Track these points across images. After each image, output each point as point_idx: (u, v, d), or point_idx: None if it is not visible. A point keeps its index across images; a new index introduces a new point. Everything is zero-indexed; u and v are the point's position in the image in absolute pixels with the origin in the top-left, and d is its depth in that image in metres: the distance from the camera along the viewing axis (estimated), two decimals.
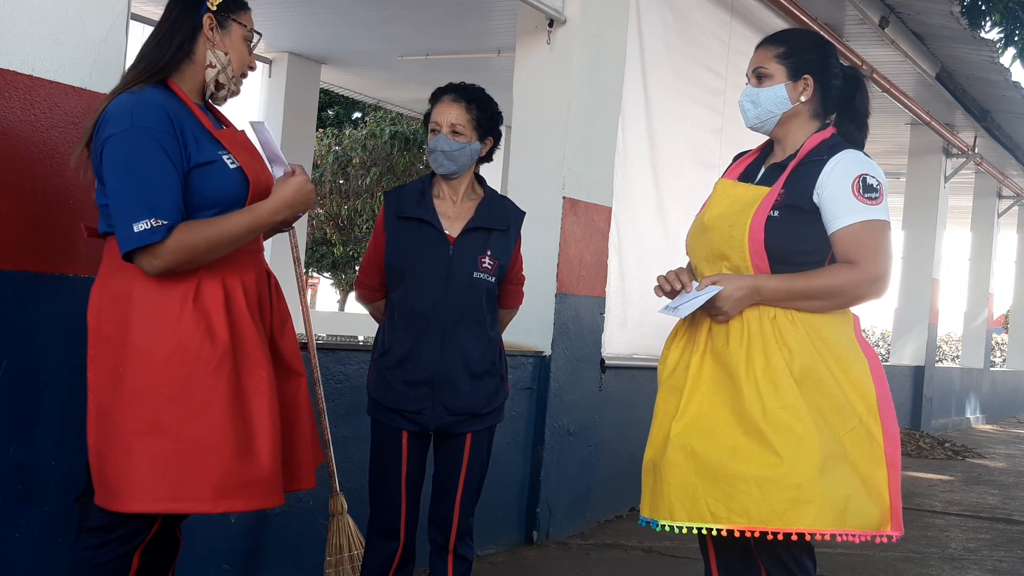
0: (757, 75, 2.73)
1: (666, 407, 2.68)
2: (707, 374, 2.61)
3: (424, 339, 2.97)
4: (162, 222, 2.26)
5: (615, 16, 5.46)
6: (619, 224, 5.71)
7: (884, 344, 24.69)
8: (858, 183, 2.58)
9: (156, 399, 2.29)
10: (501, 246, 3.06)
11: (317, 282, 24.31)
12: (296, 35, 9.04)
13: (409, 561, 3.07)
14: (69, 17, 2.77)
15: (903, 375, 11.43)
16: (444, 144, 2.98)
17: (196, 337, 2.32)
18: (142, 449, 2.28)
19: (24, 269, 2.70)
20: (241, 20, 2.51)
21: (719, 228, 2.66)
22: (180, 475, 2.28)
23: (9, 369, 2.69)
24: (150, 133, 2.29)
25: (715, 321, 2.61)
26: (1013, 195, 15.01)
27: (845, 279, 2.56)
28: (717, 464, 2.51)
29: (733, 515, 2.48)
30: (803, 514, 2.44)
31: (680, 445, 2.56)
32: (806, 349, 2.55)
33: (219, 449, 2.31)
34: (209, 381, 2.32)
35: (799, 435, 2.48)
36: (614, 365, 5.60)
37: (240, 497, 2.34)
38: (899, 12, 8.14)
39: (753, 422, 2.50)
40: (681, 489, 2.55)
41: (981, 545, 5.80)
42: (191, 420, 2.30)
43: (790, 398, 2.50)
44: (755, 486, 2.47)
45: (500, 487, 4.66)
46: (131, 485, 2.28)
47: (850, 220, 2.56)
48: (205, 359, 2.32)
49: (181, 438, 2.29)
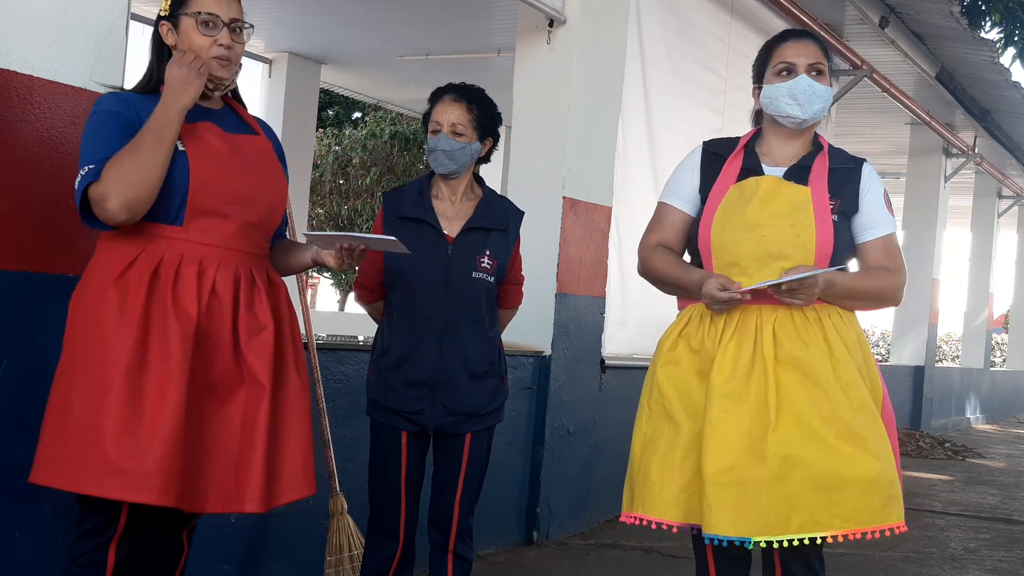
0: (816, 70, 2.70)
1: (728, 415, 2.54)
2: (784, 381, 2.57)
3: (423, 339, 2.97)
4: (90, 167, 2.31)
5: (615, 16, 5.46)
6: (619, 224, 5.71)
7: (884, 344, 24.70)
8: (886, 195, 2.74)
9: (63, 375, 2.36)
10: (500, 246, 3.05)
11: (317, 282, 24.32)
12: (296, 35, 9.04)
13: (409, 561, 3.07)
14: (69, 17, 2.77)
15: (903, 375, 11.42)
16: (445, 144, 2.98)
17: (105, 313, 2.31)
18: (49, 424, 2.34)
19: (24, 269, 2.70)
20: (189, 10, 2.44)
21: (777, 227, 2.62)
22: (71, 454, 2.29)
23: (9, 369, 2.69)
24: (105, 114, 2.38)
25: (793, 305, 2.57)
26: (1013, 195, 15.01)
27: (892, 283, 2.71)
28: (824, 472, 2.50)
29: (838, 520, 2.51)
30: (894, 510, 2.54)
31: (781, 456, 2.50)
32: (856, 347, 2.64)
33: (96, 431, 2.26)
34: (105, 359, 2.28)
35: (881, 433, 2.57)
36: (614, 365, 5.60)
37: (108, 484, 2.25)
38: (899, 12, 8.15)
39: (846, 424, 2.53)
40: (784, 502, 2.51)
41: (981, 545, 5.80)
42: (83, 398, 2.29)
43: (865, 397, 2.58)
44: (860, 489, 2.50)
45: (500, 487, 4.66)
46: (39, 458, 2.35)
47: (887, 230, 2.73)
48: (107, 337, 2.29)
49: (73, 415, 2.29)
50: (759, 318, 2.61)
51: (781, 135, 2.75)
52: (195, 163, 2.39)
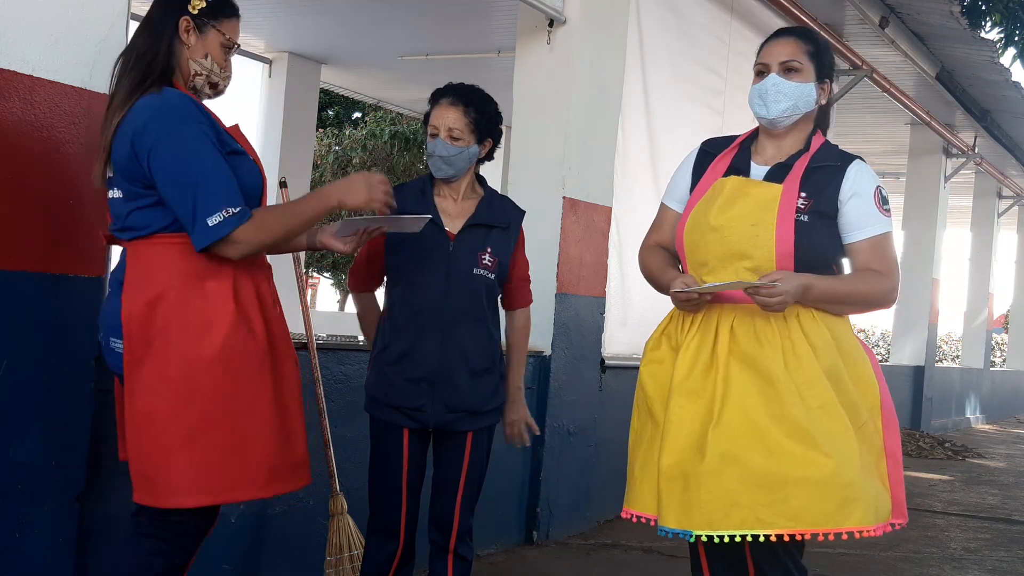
0: (788, 67, 2.67)
1: (683, 412, 2.58)
2: (736, 377, 2.56)
3: (424, 336, 2.97)
4: (233, 211, 2.33)
5: (615, 16, 5.46)
6: (619, 224, 5.71)
7: (884, 344, 24.70)
8: (878, 194, 2.65)
9: (206, 399, 2.34)
10: (501, 243, 3.06)
11: (317, 282, 24.31)
12: (296, 35, 9.04)
13: (409, 561, 3.07)
14: (69, 17, 2.77)
15: (903, 375, 11.42)
16: (442, 149, 2.99)
17: (240, 337, 2.39)
18: (191, 447, 2.33)
19: (24, 269, 2.70)
20: (222, 28, 2.50)
21: (738, 227, 2.61)
22: (231, 469, 2.36)
23: (9, 369, 2.68)
24: (197, 128, 2.36)
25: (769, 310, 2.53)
26: (1013, 195, 15.01)
27: (880, 287, 2.63)
28: (762, 470, 2.48)
29: (781, 519, 2.47)
30: (852, 513, 2.46)
31: (719, 452, 2.50)
32: (828, 348, 2.57)
33: (267, 440, 2.41)
34: (256, 378, 2.41)
35: (841, 434, 2.50)
36: (614, 365, 5.60)
37: (282, 481, 2.45)
38: (899, 12, 8.14)
39: (796, 424, 2.48)
40: (723, 497, 2.49)
41: (981, 545, 5.80)
42: (243, 417, 2.38)
43: (827, 397, 2.52)
44: (807, 489, 2.46)
45: (500, 487, 4.65)
46: (179, 481, 2.33)
47: (875, 231, 2.64)
48: (250, 357, 2.40)
49: (233, 435, 2.36)
50: (720, 316, 2.63)
51: (769, 134, 2.76)
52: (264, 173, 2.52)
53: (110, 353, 2.44)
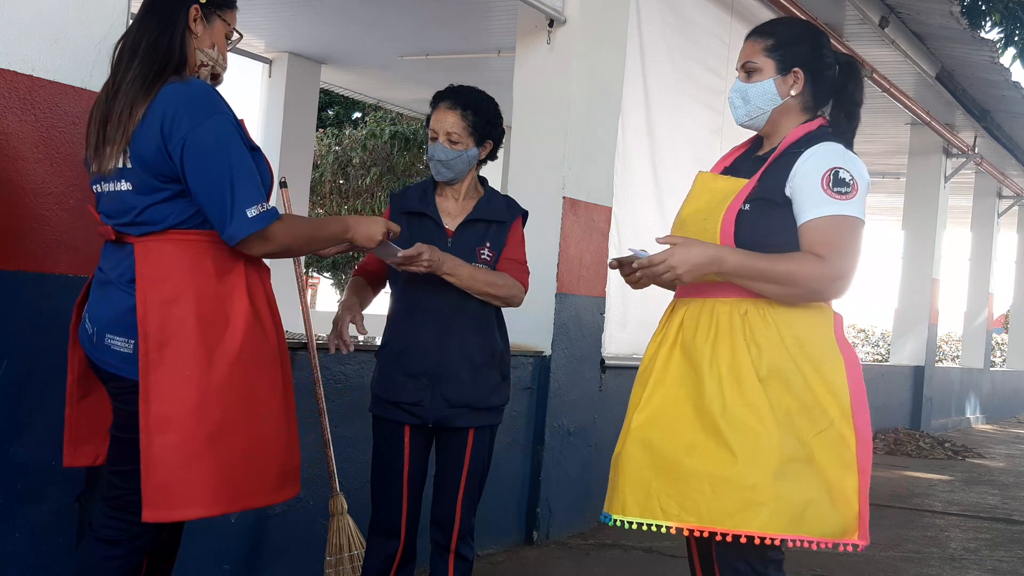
0: (746, 70, 2.64)
1: (635, 401, 2.61)
2: (674, 367, 2.54)
3: (423, 330, 2.98)
4: (267, 206, 2.33)
5: (615, 16, 5.46)
6: (619, 224, 5.71)
7: (884, 344, 24.70)
8: (828, 176, 2.46)
9: (228, 400, 2.30)
10: (500, 238, 3.07)
11: (317, 282, 24.31)
12: (296, 35, 9.04)
13: (410, 561, 3.07)
14: (69, 17, 2.78)
15: (903, 375, 11.42)
16: (441, 153, 3.00)
17: (256, 336, 2.38)
18: (215, 452, 2.28)
19: (24, 269, 2.70)
20: (227, 18, 2.51)
21: (696, 222, 2.58)
22: (250, 474, 2.33)
23: (9, 369, 2.69)
24: (230, 120, 2.35)
25: (666, 279, 2.48)
26: (1013, 195, 15.01)
27: (807, 269, 2.43)
28: (672, 460, 2.45)
29: (684, 513, 2.41)
30: (755, 516, 2.36)
31: (639, 438, 2.52)
32: (776, 347, 2.45)
33: (280, 442, 2.41)
34: (269, 378, 2.41)
35: (757, 435, 2.39)
36: (614, 365, 5.60)
37: (288, 485, 2.45)
38: (899, 12, 8.14)
39: (712, 418, 2.43)
40: (636, 484, 2.49)
41: (981, 545, 5.80)
42: (261, 417, 2.36)
43: (752, 396, 2.42)
44: (708, 484, 2.39)
45: (500, 487, 4.66)
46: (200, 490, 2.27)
47: (816, 214, 2.45)
48: (264, 357, 2.40)
49: (252, 436, 2.34)
50: (678, 307, 2.64)
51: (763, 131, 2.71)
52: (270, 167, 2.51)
53: (105, 351, 2.34)
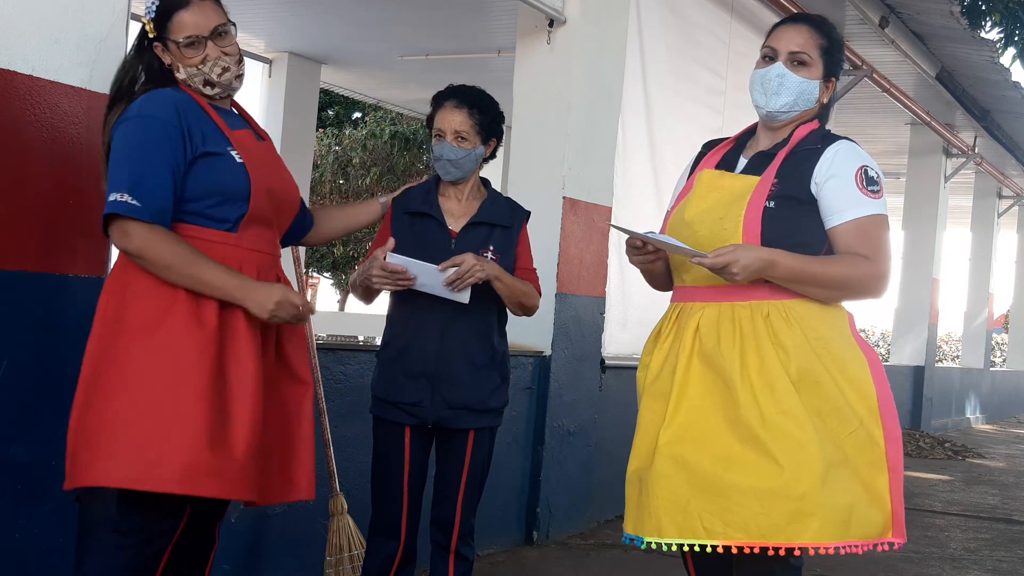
0: (797, 59, 2.50)
1: (651, 415, 2.49)
2: (695, 378, 2.43)
3: (424, 331, 2.98)
4: (135, 202, 2.29)
5: (615, 16, 5.46)
6: (619, 224, 5.70)
7: (884, 344, 24.68)
8: (860, 175, 2.44)
9: (141, 381, 2.31)
10: (503, 242, 3.07)
11: (317, 282, 24.30)
12: (296, 35, 9.04)
13: (410, 561, 3.07)
14: (69, 17, 2.77)
15: (903, 375, 11.42)
16: (450, 152, 3.00)
17: (183, 321, 2.34)
18: (122, 429, 2.29)
19: (24, 269, 2.70)
20: (171, 37, 2.43)
21: (707, 222, 2.49)
22: (152, 455, 2.28)
23: (9, 369, 2.68)
24: (155, 121, 2.35)
25: (730, 281, 2.36)
26: (1013, 195, 15.02)
27: (861, 272, 2.41)
28: (710, 475, 2.33)
29: (730, 530, 2.30)
30: (806, 527, 2.28)
31: (669, 455, 2.38)
32: (802, 349, 2.38)
33: (191, 433, 2.30)
34: (191, 365, 2.32)
35: (800, 442, 2.31)
36: (614, 365, 5.60)
37: (206, 484, 2.31)
38: (899, 12, 8.14)
39: (750, 429, 2.32)
40: (671, 503, 2.36)
41: (981, 545, 5.80)
42: (169, 402, 2.30)
43: (788, 402, 2.33)
44: (754, 499, 2.29)
45: (500, 487, 4.66)
46: (103, 462, 2.29)
47: (856, 214, 2.42)
48: (190, 343, 2.33)
49: (158, 419, 2.29)
50: (690, 313, 2.51)
51: (766, 128, 2.60)
52: (253, 174, 2.46)
53: None
